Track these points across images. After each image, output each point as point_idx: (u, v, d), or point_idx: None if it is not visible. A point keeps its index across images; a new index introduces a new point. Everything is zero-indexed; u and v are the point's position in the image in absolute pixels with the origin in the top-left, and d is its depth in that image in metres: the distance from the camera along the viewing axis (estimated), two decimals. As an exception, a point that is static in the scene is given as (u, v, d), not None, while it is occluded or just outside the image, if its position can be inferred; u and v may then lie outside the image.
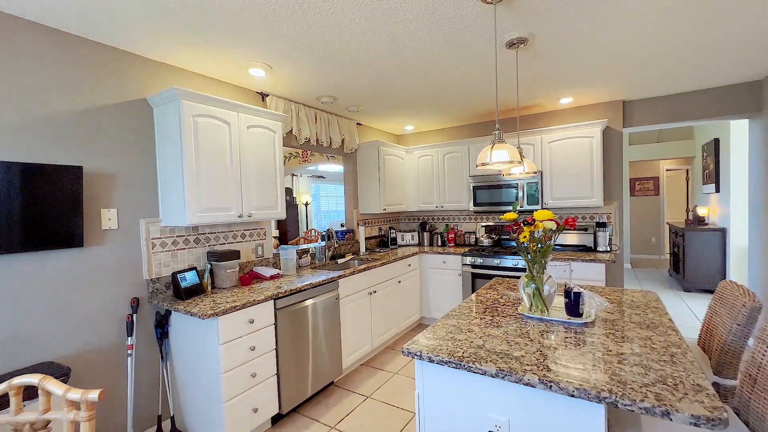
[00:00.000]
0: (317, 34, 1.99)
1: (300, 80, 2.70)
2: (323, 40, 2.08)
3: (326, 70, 2.52)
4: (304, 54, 2.25)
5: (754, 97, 3.09)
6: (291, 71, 2.52)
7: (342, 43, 2.11)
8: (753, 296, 1.50)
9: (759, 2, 1.81)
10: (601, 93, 3.31)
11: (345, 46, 2.15)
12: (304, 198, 8.22)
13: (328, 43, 2.11)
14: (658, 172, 7.69)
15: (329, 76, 2.65)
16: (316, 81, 2.73)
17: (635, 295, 1.95)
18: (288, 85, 2.81)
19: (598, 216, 3.64)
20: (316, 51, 2.21)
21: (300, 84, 2.78)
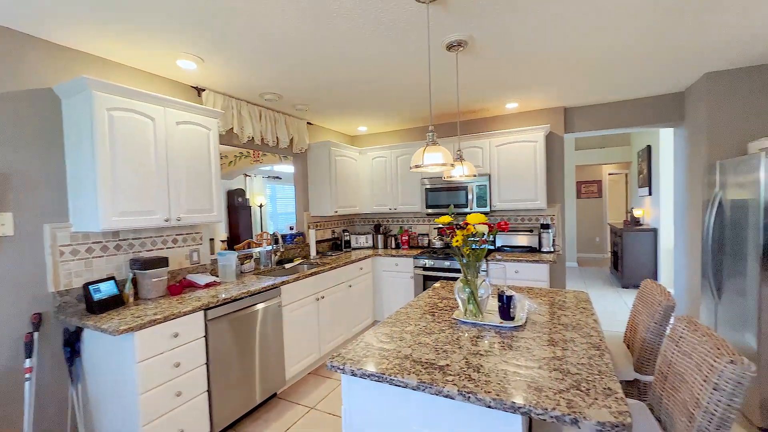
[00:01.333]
0: (248, 25, 1.87)
1: (238, 75, 2.54)
2: (256, 33, 1.95)
3: (265, 65, 2.38)
4: (237, 47, 2.11)
5: (677, 107, 3.34)
6: (226, 65, 2.36)
7: (277, 36, 2.00)
8: (668, 295, 1.58)
9: (684, 21, 1.93)
10: (544, 99, 3.43)
11: (281, 40, 2.04)
12: (258, 199, 7.90)
13: (263, 36, 1.98)
14: (601, 176, 8.20)
15: (270, 72, 2.51)
16: (256, 77, 2.59)
17: (567, 296, 2.00)
18: (225, 80, 2.64)
19: (542, 218, 3.77)
20: (250, 44, 2.08)
21: (239, 79, 2.62)
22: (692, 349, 1.15)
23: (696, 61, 2.56)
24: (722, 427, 0.98)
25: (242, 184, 7.73)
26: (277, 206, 8.82)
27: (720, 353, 1.00)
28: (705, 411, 0.99)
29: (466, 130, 4.12)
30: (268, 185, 8.50)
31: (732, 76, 2.75)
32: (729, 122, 2.76)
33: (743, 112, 2.73)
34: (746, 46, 2.33)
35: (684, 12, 1.87)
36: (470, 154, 3.77)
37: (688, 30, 2.07)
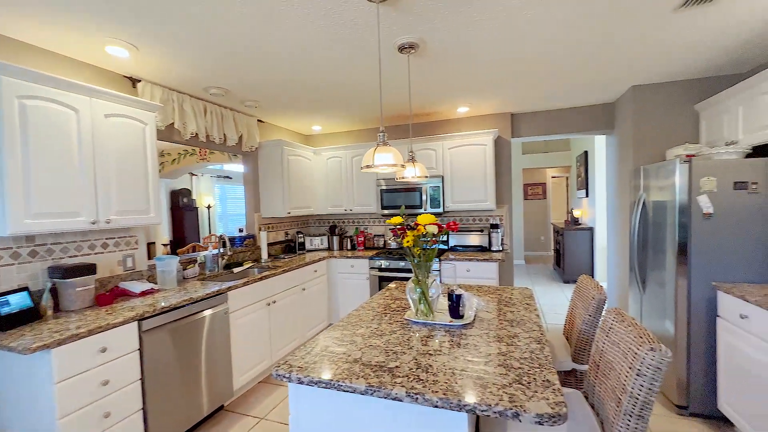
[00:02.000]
0: (187, 13, 1.74)
1: (179, 67, 2.37)
2: (198, 22, 1.82)
3: (209, 58, 2.24)
4: (176, 36, 1.96)
5: (609, 116, 3.65)
6: (164, 55, 2.19)
7: (221, 28, 1.88)
8: (600, 289, 1.70)
9: (613, 42, 2.10)
10: (493, 105, 3.58)
11: (225, 32, 1.93)
12: (206, 200, 7.45)
13: (205, 26, 1.86)
14: (545, 178, 8.77)
15: (214, 65, 2.37)
16: (199, 69, 2.43)
17: (513, 293, 2.10)
18: (165, 71, 2.44)
19: (492, 218, 3.93)
20: (190, 34, 1.94)
21: (180, 71, 2.44)
22: (620, 339, 1.25)
23: (624, 75, 2.82)
24: (644, 409, 1.07)
25: (188, 184, 7.25)
26: (227, 207, 8.39)
27: (642, 342, 1.09)
28: (630, 395, 1.08)
29: (420, 133, 4.19)
30: (217, 185, 8.06)
31: (654, 89, 3.05)
32: (652, 131, 3.07)
33: (664, 121, 3.04)
34: (666, 63, 2.59)
35: (613, 32, 2.04)
36: (424, 156, 3.83)
37: (616, 47, 2.27)
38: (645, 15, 1.91)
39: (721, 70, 2.76)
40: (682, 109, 2.99)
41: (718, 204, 2.17)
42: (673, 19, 1.95)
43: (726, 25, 2.03)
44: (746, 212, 2.13)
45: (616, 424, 1.12)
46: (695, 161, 2.21)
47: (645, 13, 1.89)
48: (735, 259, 2.16)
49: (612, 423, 1.15)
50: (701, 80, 2.93)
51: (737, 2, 1.80)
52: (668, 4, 1.81)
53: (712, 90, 2.89)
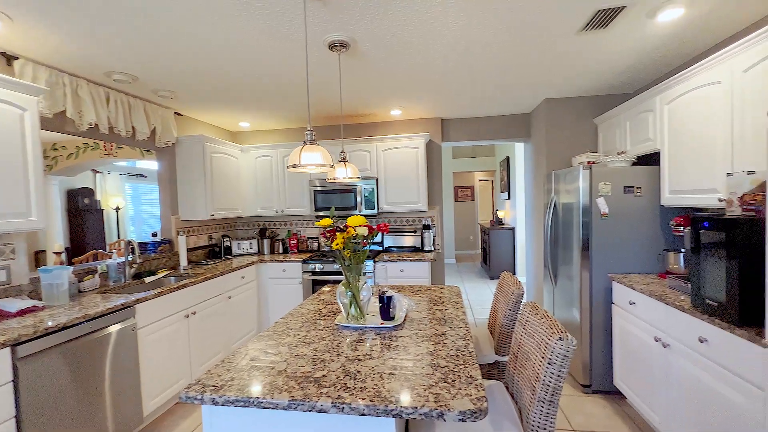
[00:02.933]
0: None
1: (72, 44, 2.03)
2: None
3: (108, 36, 1.96)
4: (65, 6, 1.67)
5: (526, 125, 4.00)
6: (50, 28, 1.86)
7: (124, 2, 1.65)
8: (519, 285, 1.83)
9: (527, 57, 2.28)
10: (424, 109, 3.70)
11: (129, 6, 1.69)
12: (113, 201, 6.56)
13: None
14: (473, 181, 9.34)
15: (116, 46, 2.08)
16: (98, 49, 2.11)
17: (443, 291, 2.17)
18: (52, 49, 2.08)
19: (424, 219, 4.06)
20: (85, 6, 1.67)
21: (72, 49, 2.10)
22: (534, 331, 1.34)
23: (537, 88, 3.10)
24: (555, 395, 1.16)
25: (90, 183, 6.32)
26: (141, 209, 7.49)
27: (552, 332, 1.18)
28: (543, 383, 1.16)
29: (355, 134, 4.16)
30: (129, 184, 7.16)
31: (563, 103, 3.41)
32: (561, 140, 3.42)
33: (571, 132, 3.41)
34: (572, 80, 2.91)
35: (526, 49, 2.23)
36: (359, 157, 3.82)
37: (530, 62, 2.48)
38: (553, 35, 2.11)
39: (614, 89, 3.18)
40: (585, 121, 3.39)
41: (612, 205, 2.48)
42: (577, 41, 2.19)
43: (616, 50, 2.34)
44: (633, 213, 2.48)
45: (531, 410, 1.20)
46: (594, 168, 2.51)
47: (553, 34, 2.09)
48: (626, 253, 2.50)
49: (528, 410, 1.23)
50: (599, 97, 3.35)
51: (624, 31, 2.07)
52: (572, 27, 2.02)
53: (608, 106, 3.32)
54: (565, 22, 1.97)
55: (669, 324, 1.85)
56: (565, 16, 1.91)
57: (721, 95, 1.83)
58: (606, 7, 1.82)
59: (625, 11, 1.86)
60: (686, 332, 1.72)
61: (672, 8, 1.82)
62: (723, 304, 1.49)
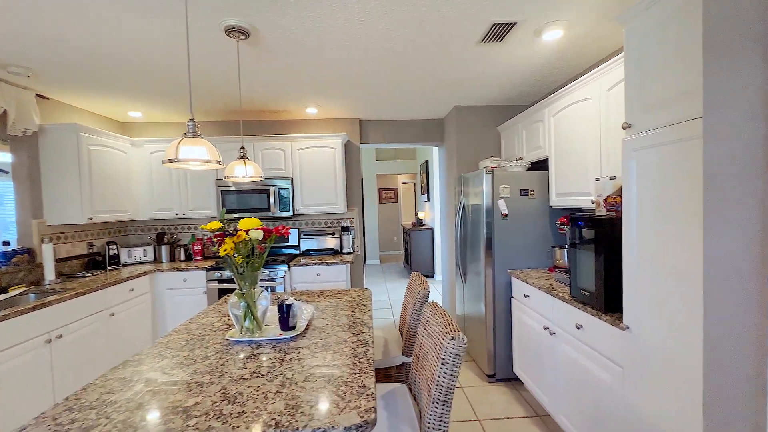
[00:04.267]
0: None
1: None
2: None
3: None
4: None
5: (440, 130, 4.19)
6: None
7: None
8: (425, 285, 1.86)
9: (435, 65, 2.35)
10: (342, 110, 3.63)
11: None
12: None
13: None
14: (397, 184, 9.57)
15: (-68, 3, 1.61)
16: None
17: (353, 294, 2.11)
18: None
19: (343, 221, 3.98)
20: None
21: None
22: (433, 331, 1.35)
23: (448, 95, 3.25)
24: (448, 394, 1.16)
25: None
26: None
27: (446, 332, 1.19)
28: (437, 384, 1.16)
29: (268, 131, 3.92)
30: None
31: (472, 110, 3.63)
32: (470, 145, 3.64)
33: (478, 138, 3.64)
34: (477, 90, 3.10)
35: (432, 56, 2.30)
36: (272, 156, 3.59)
37: (439, 70, 2.57)
38: (457, 45, 2.20)
39: (513, 101, 3.48)
40: (490, 128, 3.65)
41: (511, 207, 2.69)
42: (478, 52, 2.32)
43: (512, 64, 2.54)
44: (528, 213, 2.72)
45: (427, 412, 1.20)
46: (496, 172, 2.70)
47: (457, 44, 2.19)
48: (522, 250, 2.73)
49: (425, 411, 1.23)
50: (502, 107, 3.64)
51: (517, 46, 2.26)
52: (472, 38, 2.13)
53: (509, 116, 3.63)
54: (466, 34, 2.07)
55: (554, 314, 2.05)
56: (466, 28, 2.00)
57: (592, 110, 2.09)
58: (500, 21, 1.95)
59: (517, 27, 2.01)
60: (567, 320, 1.92)
61: (554, 29, 2.02)
62: (593, 293, 1.68)
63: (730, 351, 0.82)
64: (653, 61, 1.32)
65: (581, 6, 1.81)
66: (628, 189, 1.43)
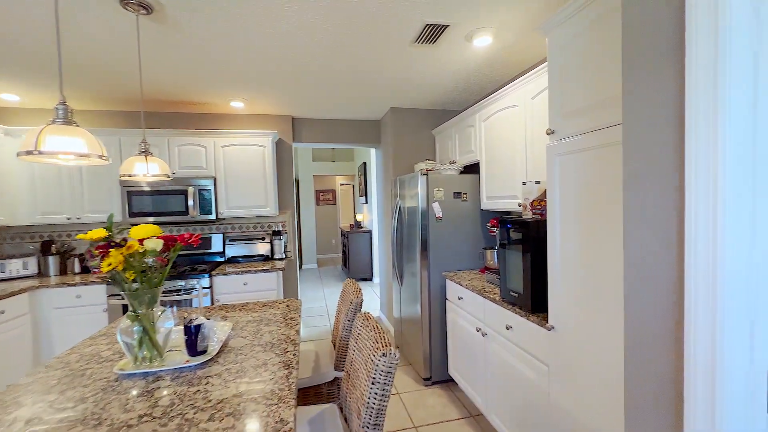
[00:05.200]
0: None
1: None
2: None
3: None
4: None
5: (376, 131, 4.13)
6: None
7: None
8: (358, 293, 1.75)
9: (369, 64, 2.26)
10: (273, 106, 3.38)
11: None
12: None
13: None
14: (335, 185, 9.38)
15: None
16: None
17: (280, 306, 1.93)
18: None
19: (274, 225, 3.72)
20: None
21: None
22: (363, 345, 1.25)
23: (384, 96, 3.19)
24: (379, 416, 1.07)
25: None
26: None
27: (377, 347, 1.10)
28: (367, 406, 1.06)
29: (187, 125, 3.52)
30: None
31: (408, 113, 3.62)
32: (406, 147, 3.63)
33: (414, 140, 3.65)
34: (413, 92, 3.09)
35: (366, 55, 2.21)
36: (191, 153, 3.22)
37: (373, 70, 2.50)
38: (390, 44, 2.14)
39: (447, 105, 3.55)
40: (425, 131, 3.68)
41: (445, 209, 2.72)
42: (412, 52, 2.29)
43: (445, 68, 2.56)
44: (461, 216, 2.76)
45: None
46: (430, 175, 2.70)
47: (390, 43, 2.12)
48: (456, 252, 2.76)
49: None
50: (437, 111, 3.70)
51: (450, 50, 2.27)
52: (405, 38, 2.09)
53: (444, 120, 3.69)
54: (400, 33, 2.01)
55: (486, 315, 2.08)
56: (400, 27, 1.95)
57: (518, 116, 2.17)
58: (433, 23, 1.92)
59: (449, 30, 2.01)
60: (498, 321, 1.95)
61: (483, 35, 2.05)
62: (521, 295, 1.72)
63: (648, 351, 0.84)
64: (573, 70, 1.37)
65: (508, 14, 1.85)
66: (552, 193, 1.48)
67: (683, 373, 0.74)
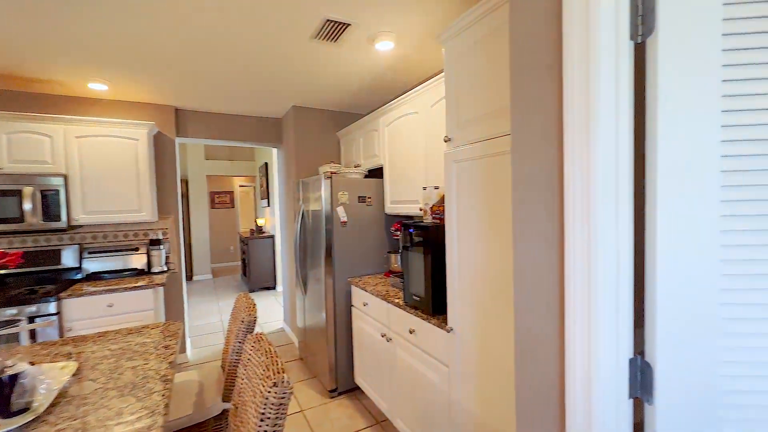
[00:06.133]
0: None
1: None
2: None
3: None
4: None
5: (278, 130, 3.87)
6: None
7: None
8: (251, 309, 1.55)
9: (268, 56, 2.05)
10: (150, 92, 2.87)
11: None
12: None
13: None
14: (233, 187, 8.58)
15: None
16: None
17: (152, 333, 1.60)
18: None
19: (152, 233, 3.17)
20: None
21: None
22: (253, 373, 1.09)
23: (286, 93, 2.98)
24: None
25: None
26: None
27: (267, 376, 0.95)
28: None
29: (25, 107, 2.75)
30: None
31: (311, 113, 3.46)
32: (309, 148, 3.47)
33: (318, 141, 3.51)
34: (316, 92, 2.95)
35: (264, 46, 2.02)
36: (30, 142, 2.52)
37: (272, 63, 2.29)
38: (288, 36, 1.99)
39: (353, 108, 3.51)
40: (330, 133, 3.58)
41: (350, 214, 2.65)
42: (312, 48, 2.17)
43: (349, 70, 2.50)
44: (366, 220, 2.73)
45: (243, 486, 0.92)
46: (334, 178, 2.60)
47: (290, 35, 1.97)
48: (361, 257, 2.72)
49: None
50: (342, 113, 3.62)
51: (353, 50, 2.21)
52: (306, 32, 1.96)
53: (349, 122, 3.64)
54: (298, 25, 1.88)
55: (391, 320, 2.07)
56: (298, 19, 1.81)
57: (419, 123, 2.23)
58: (334, 19, 1.84)
59: (351, 30, 1.95)
60: (402, 326, 1.95)
61: (385, 39, 2.05)
62: (423, 298, 1.75)
63: (536, 355, 0.88)
64: (467, 80, 1.43)
65: (409, 20, 1.87)
66: (450, 198, 1.52)
67: (566, 370, 0.79)
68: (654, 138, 0.70)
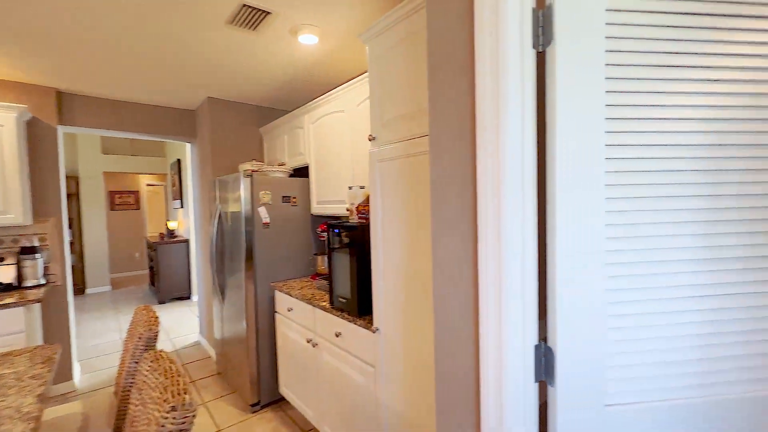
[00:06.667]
0: None
1: None
2: None
3: None
4: None
5: (191, 123, 3.51)
6: None
7: None
8: (152, 323, 1.36)
9: (178, 40, 1.82)
10: (19, 69, 2.37)
11: None
12: None
13: None
14: (138, 186, 7.60)
15: None
16: None
17: (18, 360, 1.31)
18: None
19: (23, 239, 2.62)
20: None
21: None
22: (148, 397, 0.94)
23: (199, 82, 2.71)
24: (167, 492, 0.80)
25: None
26: None
27: (165, 399, 0.83)
28: (148, 485, 0.78)
29: None
30: None
31: (229, 106, 3.20)
32: (228, 144, 3.20)
33: (238, 137, 3.26)
34: (234, 83, 2.73)
35: (172, 27, 1.80)
36: None
37: (183, 47, 2.06)
38: (200, 18, 1.80)
39: (277, 103, 3.33)
40: (252, 129, 3.35)
41: (273, 214, 2.50)
42: (229, 35, 1.99)
43: (272, 61, 2.36)
44: (291, 221, 2.61)
45: None
46: (255, 176, 2.43)
47: (200, 16, 1.78)
48: (285, 260, 2.59)
49: None
50: (265, 108, 3.42)
51: (274, 41, 2.09)
52: (221, 16, 1.80)
53: (273, 118, 3.45)
54: (214, 8, 1.71)
55: (317, 324, 1.99)
56: (214, 1, 1.65)
57: (345, 122, 2.19)
58: (252, 5, 1.71)
59: (272, 18, 1.83)
60: (328, 329, 1.89)
61: (308, 33, 1.97)
62: (349, 300, 1.71)
63: (454, 346, 0.90)
64: (389, 80, 1.44)
65: (332, 14, 1.82)
66: (374, 198, 1.51)
67: (480, 358, 0.82)
68: (553, 145, 0.76)
